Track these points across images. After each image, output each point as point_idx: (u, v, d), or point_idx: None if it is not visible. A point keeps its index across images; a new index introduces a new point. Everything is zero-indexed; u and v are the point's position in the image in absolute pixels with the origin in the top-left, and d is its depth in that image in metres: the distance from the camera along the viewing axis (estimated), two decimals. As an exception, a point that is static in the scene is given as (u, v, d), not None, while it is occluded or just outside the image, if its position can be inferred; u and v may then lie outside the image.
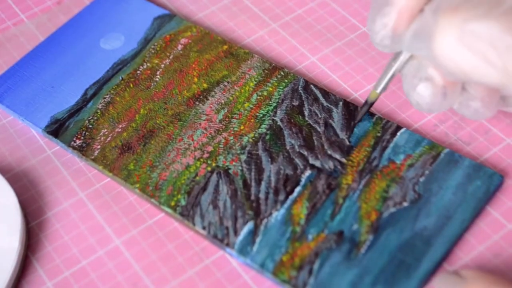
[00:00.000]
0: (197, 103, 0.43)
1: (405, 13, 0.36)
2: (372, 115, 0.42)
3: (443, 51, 0.34)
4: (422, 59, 0.37)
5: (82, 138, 0.42)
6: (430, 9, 0.35)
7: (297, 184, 0.39)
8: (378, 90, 0.40)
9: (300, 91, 0.43)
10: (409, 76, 0.38)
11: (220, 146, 0.41)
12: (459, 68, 0.34)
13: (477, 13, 0.33)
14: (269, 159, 0.40)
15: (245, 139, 0.41)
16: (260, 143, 0.41)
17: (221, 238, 0.38)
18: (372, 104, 0.41)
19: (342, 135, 0.41)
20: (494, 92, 0.37)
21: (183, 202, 0.39)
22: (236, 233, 0.38)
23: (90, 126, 0.43)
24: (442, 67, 0.35)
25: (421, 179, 0.39)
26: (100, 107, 0.44)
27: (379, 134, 0.41)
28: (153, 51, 0.46)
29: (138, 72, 0.45)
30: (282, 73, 0.44)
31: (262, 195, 0.39)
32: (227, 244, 0.38)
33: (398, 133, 0.41)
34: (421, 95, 0.37)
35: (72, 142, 0.42)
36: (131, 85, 0.45)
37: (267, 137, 0.41)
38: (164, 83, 0.45)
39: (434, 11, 0.35)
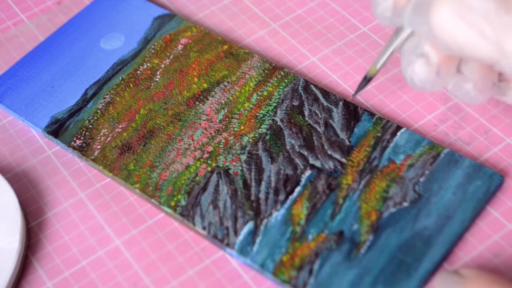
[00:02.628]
0: (197, 103, 0.43)
1: None
2: (372, 115, 0.42)
3: (440, 23, 0.35)
4: (421, 35, 0.37)
5: (82, 138, 0.42)
6: None
7: (297, 184, 0.39)
8: (378, 66, 0.40)
9: (300, 91, 0.43)
10: (407, 52, 0.38)
11: (220, 146, 0.41)
12: (454, 41, 0.35)
13: None
14: (269, 159, 0.40)
15: (245, 139, 0.41)
16: (260, 143, 0.41)
17: (221, 238, 0.38)
18: (370, 79, 0.41)
19: (342, 135, 0.41)
20: (488, 75, 0.38)
21: (183, 202, 0.39)
22: (236, 233, 0.38)
23: (90, 126, 0.43)
24: (439, 40, 0.35)
25: (421, 179, 0.39)
26: (100, 107, 0.44)
27: (379, 134, 0.41)
28: (153, 51, 0.46)
29: (138, 72, 0.45)
30: (282, 73, 0.44)
31: (262, 195, 0.39)
32: (227, 244, 0.38)
33: (398, 133, 0.41)
34: (416, 71, 0.38)
35: (72, 142, 0.42)
36: (131, 85, 0.45)
37: (267, 137, 0.41)
38: (164, 83, 0.45)
39: None
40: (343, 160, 0.40)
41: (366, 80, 0.41)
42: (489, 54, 0.34)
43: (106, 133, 0.43)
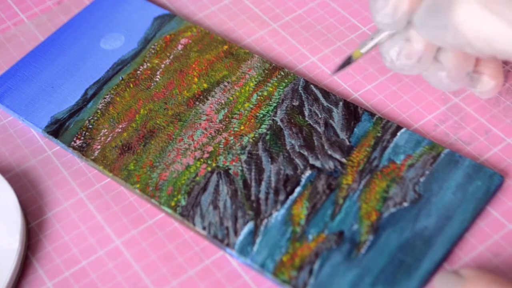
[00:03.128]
0: (197, 103, 0.43)
1: None
2: (372, 115, 0.42)
3: (465, 19, 0.34)
4: (437, 39, 0.37)
5: (82, 138, 0.42)
6: None
7: (297, 184, 0.39)
8: (363, 50, 0.40)
9: (300, 91, 0.43)
10: (388, 38, 0.39)
11: (220, 146, 0.41)
12: (482, 37, 0.34)
13: None
14: (269, 159, 0.40)
15: (245, 139, 0.41)
16: (260, 143, 0.41)
17: (221, 238, 0.38)
18: (351, 62, 0.41)
19: (342, 135, 0.41)
20: (463, 65, 0.38)
21: (183, 202, 0.39)
22: (236, 233, 0.38)
23: (90, 126, 0.43)
24: (462, 39, 0.35)
25: (421, 179, 0.39)
26: (100, 107, 0.44)
27: (379, 134, 0.41)
28: (153, 51, 0.46)
29: (138, 72, 0.45)
30: (282, 73, 0.44)
31: (262, 195, 0.39)
32: (227, 244, 0.38)
33: (398, 133, 0.41)
34: (397, 53, 0.38)
35: (72, 142, 0.42)
36: (131, 85, 0.45)
37: (267, 137, 0.41)
38: (164, 83, 0.45)
39: None
40: (343, 160, 0.40)
41: (349, 61, 0.41)
42: None
43: (106, 133, 0.43)
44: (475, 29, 0.34)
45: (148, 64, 0.46)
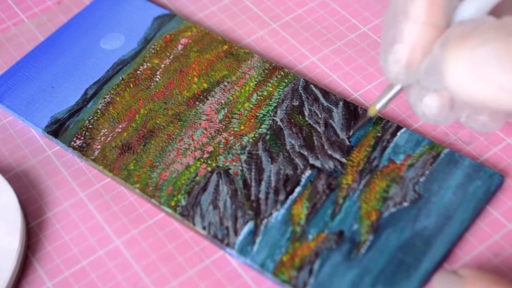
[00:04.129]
0: (197, 103, 0.43)
1: (418, 49, 0.35)
2: (372, 115, 0.42)
3: (455, 83, 0.33)
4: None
5: (82, 138, 0.42)
6: (438, 43, 0.34)
7: (297, 184, 0.39)
8: (378, 108, 0.39)
9: (300, 91, 0.43)
10: (416, 88, 0.37)
11: (220, 146, 0.41)
12: (474, 98, 0.33)
13: (485, 40, 0.32)
14: (269, 159, 0.40)
15: (245, 139, 0.41)
16: (260, 143, 0.41)
17: (221, 238, 0.38)
18: (370, 119, 0.40)
19: (342, 135, 0.41)
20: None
21: (183, 202, 0.39)
22: (236, 233, 0.38)
23: (90, 126, 0.43)
24: (458, 100, 0.34)
25: (421, 179, 0.39)
26: (100, 107, 0.44)
27: (379, 134, 0.41)
28: (153, 51, 0.46)
29: (138, 72, 0.45)
30: (282, 73, 0.44)
31: (262, 195, 0.39)
32: (227, 244, 0.38)
33: (398, 133, 0.41)
34: (428, 106, 0.36)
35: (72, 142, 0.42)
36: (131, 85, 0.45)
37: (267, 137, 0.41)
38: (164, 83, 0.45)
39: (442, 45, 0.34)
40: (343, 160, 0.40)
41: (366, 119, 0.40)
42: None
43: (106, 133, 0.43)
44: (468, 94, 0.33)
45: (148, 64, 0.46)
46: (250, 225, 0.38)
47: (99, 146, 0.42)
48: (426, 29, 0.35)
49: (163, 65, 0.45)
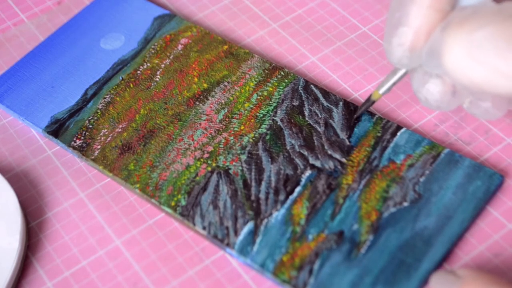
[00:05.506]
0: (197, 103, 0.43)
1: (422, 33, 0.35)
2: (372, 115, 0.42)
3: (453, 67, 0.33)
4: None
5: (82, 138, 0.42)
6: (440, 27, 0.35)
7: (297, 184, 0.39)
8: (381, 92, 0.40)
9: (300, 91, 0.43)
10: (419, 73, 0.37)
11: (220, 146, 0.41)
12: (471, 82, 0.33)
13: (483, 23, 0.33)
14: (269, 159, 0.40)
15: (245, 139, 0.41)
16: (260, 143, 0.41)
17: (221, 238, 0.38)
18: (373, 103, 0.41)
19: (342, 135, 0.41)
20: None
21: (183, 202, 0.39)
22: (236, 233, 0.38)
23: (90, 126, 0.43)
24: (456, 82, 0.35)
25: (421, 179, 0.39)
26: (100, 107, 0.44)
27: (379, 134, 0.41)
28: (153, 51, 0.46)
29: (138, 72, 0.45)
30: (282, 73, 0.44)
31: (262, 195, 0.39)
32: (227, 244, 0.38)
33: (398, 133, 0.41)
34: (431, 92, 0.37)
35: (72, 142, 0.42)
36: (131, 85, 0.45)
37: (267, 137, 0.41)
38: (164, 83, 0.45)
39: (443, 28, 0.34)
40: (343, 160, 0.40)
41: (370, 103, 0.40)
42: (509, 89, 0.33)
43: (106, 133, 0.43)
44: (466, 77, 0.33)
45: (148, 64, 0.46)
46: (250, 225, 0.38)
47: (99, 146, 0.42)
48: (431, 13, 0.35)
49: (163, 65, 0.45)
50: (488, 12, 0.33)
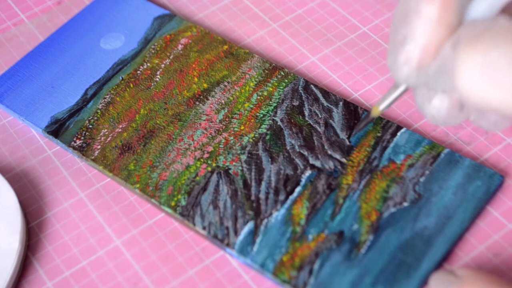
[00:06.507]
0: (197, 103, 0.43)
1: (429, 50, 0.34)
2: (372, 115, 0.42)
3: (467, 88, 0.32)
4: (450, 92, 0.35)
5: (82, 138, 0.42)
6: (449, 43, 0.33)
7: (297, 184, 0.39)
8: (381, 108, 0.39)
9: (300, 91, 0.43)
10: (423, 88, 0.36)
11: (220, 146, 0.41)
12: (487, 103, 0.32)
13: (499, 43, 0.31)
14: (269, 159, 0.40)
15: (245, 139, 0.41)
16: (260, 143, 0.41)
17: (221, 238, 0.38)
18: (373, 119, 0.40)
19: (343, 135, 0.41)
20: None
21: (183, 202, 0.39)
22: (236, 233, 0.38)
23: (90, 126, 0.43)
24: (469, 103, 0.33)
25: (421, 179, 0.39)
26: (100, 107, 0.44)
27: (379, 134, 0.41)
28: (153, 51, 0.46)
29: (138, 72, 0.45)
30: (282, 73, 0.44)
31: (262, 195, 0.39)
32: (227, 244, 0.38)
33: (398, 133, 0.41)
34: (437, 108, 0.35)
35: (72, 142, 0.42)
36: (131, 85, 0.45)
37: (267, 137, 0.41)
38: (164, 83, 0.45)
39: (454, 45, 0.32)
40: (343, 160, 0.40)
41: (369, 119, 0.39)
42: None
43: (106, 133, 0.43)
44: (479, 97, 0.32)
45: (148, 64, 0.46)
46: (250, 225, 0.38)
47: (99, 146, 0.42)
48: (438, 29, 0.33)
49: (163, 65, 0.45)
50: (503, 30, 0.31)
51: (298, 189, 0.39)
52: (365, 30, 0.47)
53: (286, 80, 0.44)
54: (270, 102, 0.43)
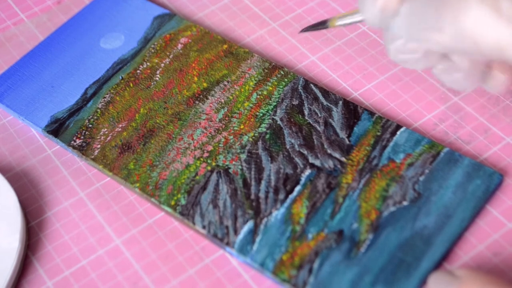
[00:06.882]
0: (197, 102, 0.43)
1: None
2: (372, 114, 0.42)
3: (476, 25, 0.31)
4: (428, 42, 0.34)
5: (82, 137, 0.42)
6: None
7: (297, 183, 0.39)
8: (337, 24, 0.39)
9: (300, 90, 0.43)
10: (390, 32, 0.36)
11: (220, 145, 0.41)
12: (494, 44, 0.31)
13: None
14: (269, 158, 0.40)
15: (245, 138, 0.41)
16: (260, 142, 0.41)
17: (221, 237, 0.38)
18: (325, 27, 0.40)
19: (342, 134, 0.41)
20: (478, 64, 0.35)
21: (183, 202, 0.39)
22: (236, 232, 0.38)
23: (90, 125, 0.43)
24: (469, 44, 0.32)
25: (421, 178, 0.39)
26: (100, 107, 0.44)
27: (379, 133, 0.41)
28: (153, 51, 0.46)
29: (138, 71, 0.45)
30: (282, 72, 0.44)
31: (262, 194, 0.39)
32: (227, 243, 0.38)
33: (398, 132, 0.41)
34: (400, 50, 0.36)
35: (72, 142, 0.42)
36: (131, 85, 0.45)
37: (267, 136, 0.41)
38: (164, 82, 0.45)
39: None
40: (343, 159, 0.40)
41: (322, 26, 0.40)
42: None
43: (106, 132, 0.43)
44: (487, 36, 0.31)
45: (148, 64, 0.46)
46: (250, 224, 0.38)
47: (99, 146, 0.42)
48: None
49: (163, 65, 0.45)
50: None
51: (297, 188, 0.39)
52: (365, 30, 0.47)
53: (286, 79, 0.44)
54: (270, 101, 0.43)
